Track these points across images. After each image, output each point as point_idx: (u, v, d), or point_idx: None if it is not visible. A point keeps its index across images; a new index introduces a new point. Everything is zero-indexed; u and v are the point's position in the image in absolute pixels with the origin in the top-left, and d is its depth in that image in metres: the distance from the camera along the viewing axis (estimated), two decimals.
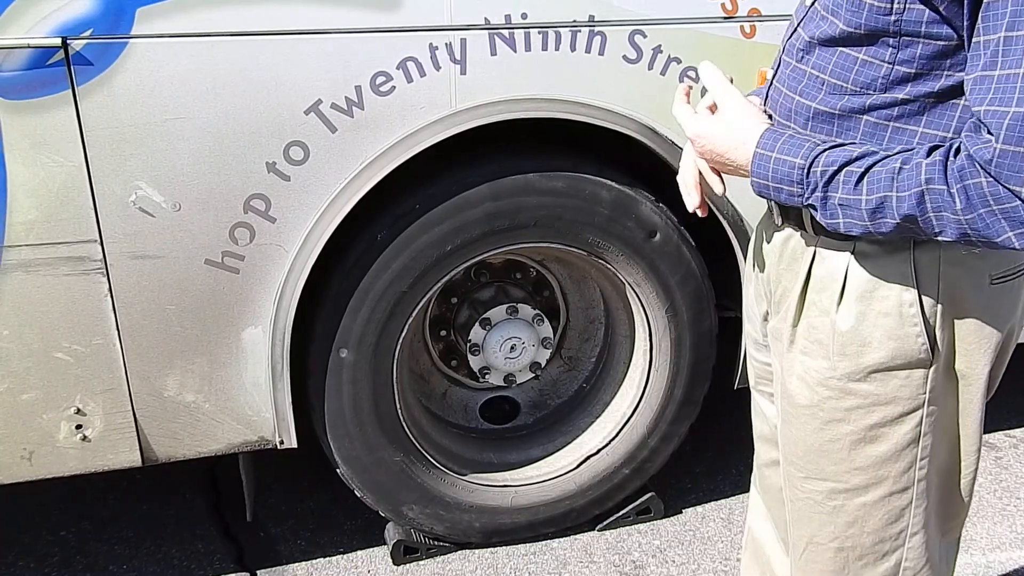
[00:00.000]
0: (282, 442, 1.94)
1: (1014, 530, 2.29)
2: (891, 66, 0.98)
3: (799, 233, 1.12)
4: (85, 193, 1.63)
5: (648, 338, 2.12)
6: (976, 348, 1.07)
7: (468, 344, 2.14)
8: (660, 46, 1.85)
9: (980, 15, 0.88)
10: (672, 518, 2.32)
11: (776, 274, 1.18)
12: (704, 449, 2.45)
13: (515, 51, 1.78)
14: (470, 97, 1.78)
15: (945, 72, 0.97)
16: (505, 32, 1.76)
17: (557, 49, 1.80)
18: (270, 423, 1.92)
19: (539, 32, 1.78)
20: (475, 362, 2.16)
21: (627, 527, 2.28)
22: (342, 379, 1.92)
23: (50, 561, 2.18)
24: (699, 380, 2.16)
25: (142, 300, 1.74)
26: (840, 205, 0.96)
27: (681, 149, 1.85)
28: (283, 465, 2.42)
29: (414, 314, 1.94)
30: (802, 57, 1.07)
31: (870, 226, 0.96)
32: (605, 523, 2.26)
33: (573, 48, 1.81)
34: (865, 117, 1.01)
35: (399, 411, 2.01)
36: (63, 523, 2.31)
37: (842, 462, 1.13)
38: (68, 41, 1.53)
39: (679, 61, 1.87)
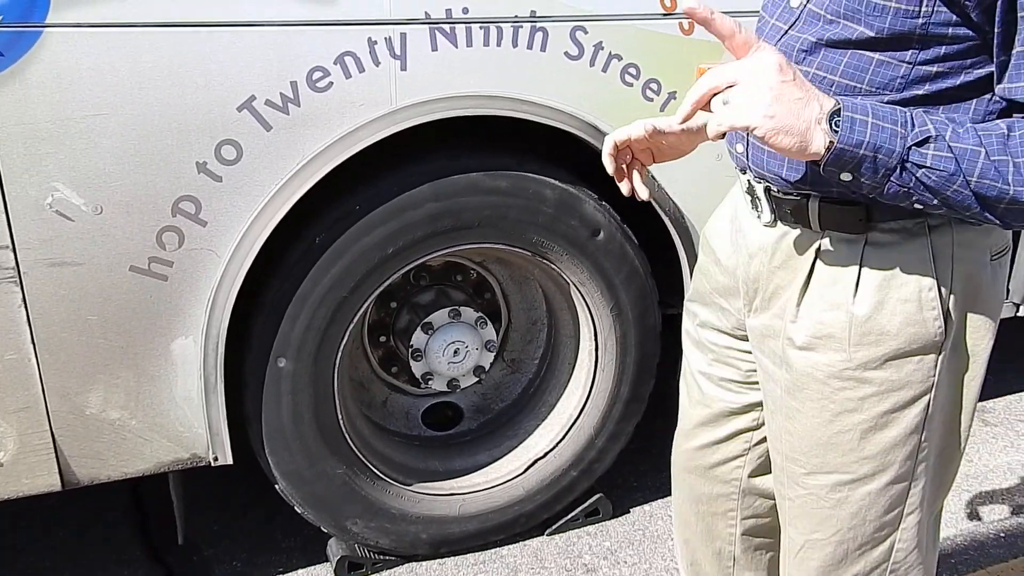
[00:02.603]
0: (216, 459, 1.83)
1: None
2: (911, 66, 0.98)
3: (798, 230, 1.11)
4: None
5: (593, 337, 2.10)
6: (983, 325, 1.10)
7: (410, 349, 2.07)
8: (601, 42, 1.83)
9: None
10: (621, 518, 2.30)
11: (767, 272, 1.16)
12: (648, 446, 2.45)
13: (456, 47, 1.73)
14: (411, 94, 1.73)
15: (965, 70, 0.97)
16: (446, 27, 1.71)
17: (499, 45, 1.76)
18: (203, 439, 1.81)
19: (481, 27, 1.74)
20: (417, 368, 2.10)
21: (577, 530, 2.26)
22: (281, 390, 1.83)
23: None
24: (645, 377, 2.16)
25: (60, 311, 1.62)
26: (955, 153, 0.91)
27: None
28: (216, 481, 2.30)
29: (355, 320, 1.86)
30: (804, 59, 1.05)
31: (977, 186, 0.92)
32: (555, 527, 2.23)
33: (515, 44, 1.78)
34: None
35: (341, 421, 1.93)
36: None
37: (851, 452, 1.13)
38: None
39: (620, 58, 1.86)
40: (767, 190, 1.13)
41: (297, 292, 1.78)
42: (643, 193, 1.26)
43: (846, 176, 0.94)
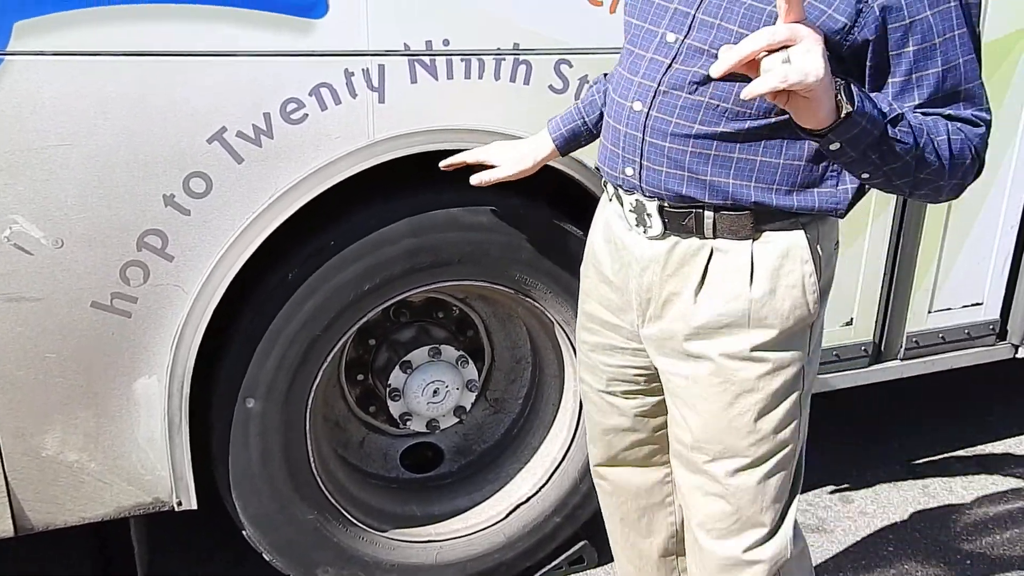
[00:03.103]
0: (180, 503, 1.75)
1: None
2: None
3: (689, 239, 1.25)
4: None
5: (578, 379, 2.03)
6: (825, 299, 1.32)
7: (388, 389, 2.00)
8: (587, 76, 1.78)
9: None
10: (606, 566, 2.21)
11: (659, 280, 1.29)
12: None
13: (437, 79, 1.68)
14: (389, 127, 1.67)
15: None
16: (426, 59, 1.66)
17: (481, 78, 1.71)
18: (166, 483, 1.73)
19: (462, 60, 1.69)
20: (395, 408, 2.02)
21: None
22: (249, 432, 1.75)
23: None
24: None
25: (17, 347, 1.54)
26: (912, 131, 1.08)
27: None
28: (180, 525, 2.21)
29: (329, 359, 1.79)
30: (695, 90, 1.19)
31: (918, 156, 1.10)
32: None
33: (497, 77, 1.73)
34: (764, 134, 1.19)
35: (312, 464, 1.85)
36: None
37: (749, 435, 1.28)
38: None
39: None
40: (660, 208, 1.26)
41: (267, 330, 1.71)
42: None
43: (834, 145, 1.05)
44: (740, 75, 1.02)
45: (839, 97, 1.01)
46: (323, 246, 1.72)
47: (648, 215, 1.27)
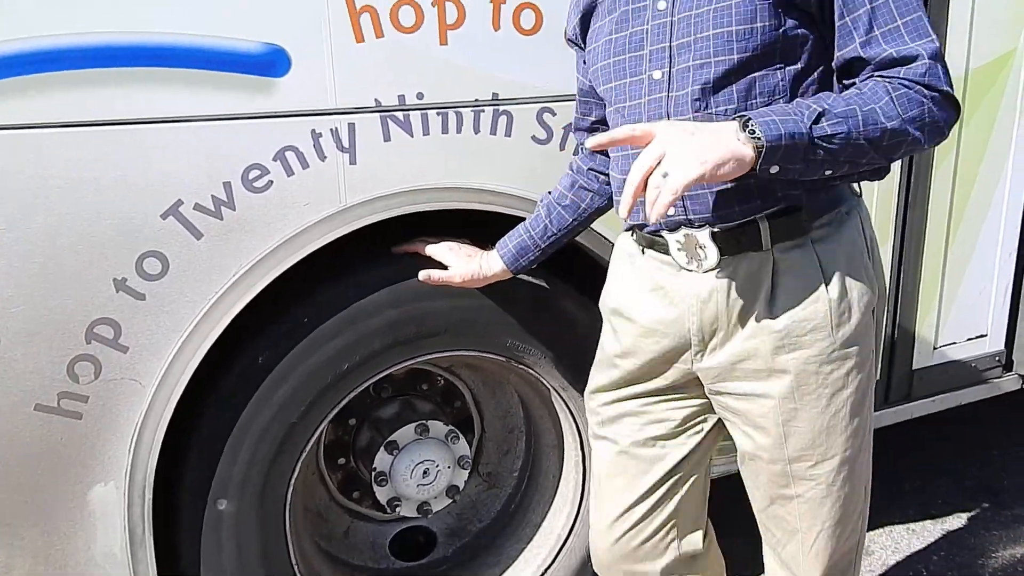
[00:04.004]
0: None
1: None
2: (783, 68, 1.18)
3: (748, 256, 1.24)
4: None
5: (579, 447, 1.88)
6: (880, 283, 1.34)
7: (373, 473, 1.82)
8: (571, 124, 1.66)
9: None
10: None
11: (725, 308, 1.26)
12: None
13: (412, 135, 1.55)
14: (362, 190, 1.53)
15: (820, 60, 1.21)
16: (399, 114, 1.53)
17: (459, 131, 1.59)
18: None
19: (438, 113, 1.56)
20: (382, 493, 1.84)
21: None
22: (221, 536, 1.57)
23: None
24: None
25: None
26: (837, 112, 1.11)
27: (603, 237, 1.68)
28: None
29: (307, 448, 1.62)
30: (700, 106, 1.21)
31: (866, 126, 1.12)
32: None
33: (477, 130, 1.60)
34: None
35: (295, 565, 1.66)
36: None
37: (847, 429, 1.29)
38: None
39: None
40: (713, 234, 1.25)
41: (237, 422, 1.53)
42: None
43: (774, 168, 1.10)
44: (732, 78, 1.18)
45: (741, 139, 1.08)
46: (296, 325, 1.56)
47: (701, 247, 1.26)
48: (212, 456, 1.54)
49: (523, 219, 1.67)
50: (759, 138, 1.08)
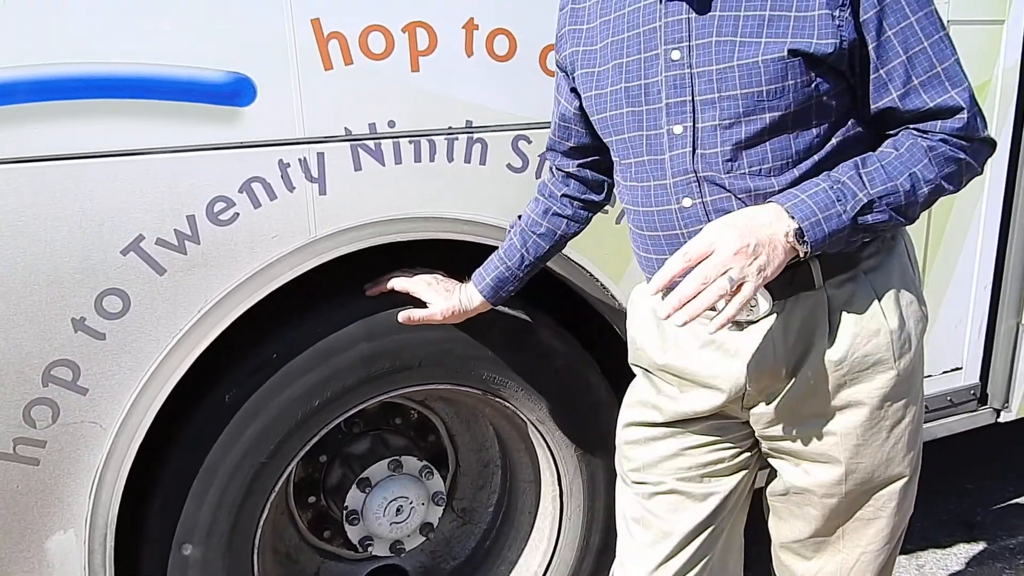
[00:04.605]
0: None
1: None
2: (819, 126, 1.15)
3: (801, 298, 1.20)
4: None
5: (556, 482, 1.83)
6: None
7: (345, 511, 1.76)
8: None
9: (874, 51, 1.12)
10: None
11: (784, 352, 1.23)
12: None
13: (383, 164, 1.51)
14: (332, 221, 1.49)
15: (855, 112, 1.18)
16: (370, 143, 1.49)
17: (432, 160, 1.55)
18: None
19: (410, 142, 1.53)
20: (354, 532, 1.78)
21: None
22: None
23: None
24: None
25: None
26: (881, 196, 1.11)
27: (581, 266, 1.65)
28: None
29: (277, 487, 1.56)
30: (731, 167, 1.17)
31: (907, 201, 1.13)
32: None
33: (451, 158, 1.57)
34: (826, 165, 1.16)
35: None
36: None
37: (906, 455, 1.29)
38: None
39: None
40: None
41: (203, 464, 1.47)
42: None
43: (816, 253, 1.13)
44: (765, 136, 1.14)
45: (792, 242, 1.09)
46: (264, 361, 1.51)
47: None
48: (177, 499, 1.47)
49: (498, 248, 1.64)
50: (806, 242, 1.09)
